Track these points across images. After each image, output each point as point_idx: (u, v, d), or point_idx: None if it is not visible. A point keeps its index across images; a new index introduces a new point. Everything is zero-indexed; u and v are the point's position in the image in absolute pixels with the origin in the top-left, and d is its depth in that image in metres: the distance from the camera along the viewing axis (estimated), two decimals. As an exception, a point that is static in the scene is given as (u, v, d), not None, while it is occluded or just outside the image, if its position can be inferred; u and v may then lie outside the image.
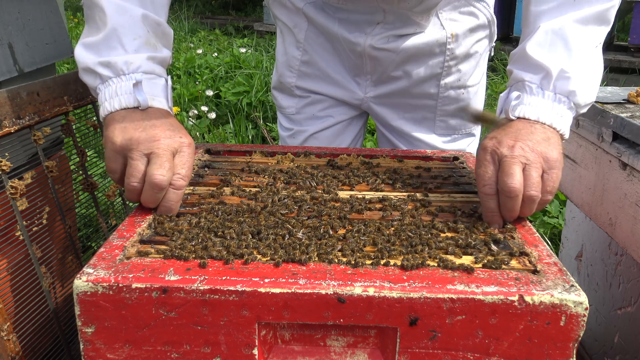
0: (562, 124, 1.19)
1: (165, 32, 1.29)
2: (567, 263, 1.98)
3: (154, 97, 1.21)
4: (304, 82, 1.75)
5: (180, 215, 1.16)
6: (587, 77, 1.22)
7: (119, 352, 0.94)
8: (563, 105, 1.20)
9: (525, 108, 1.20)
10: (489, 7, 1.64)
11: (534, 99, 1.20)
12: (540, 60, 1.21)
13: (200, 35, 8.59)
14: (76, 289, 0.91)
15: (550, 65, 1.20)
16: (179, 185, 1.13)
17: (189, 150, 1.16)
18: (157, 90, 1.23)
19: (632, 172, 1.38)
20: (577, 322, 0.90)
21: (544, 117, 1.18)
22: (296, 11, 1.66)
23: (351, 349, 0.97)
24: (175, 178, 1.12)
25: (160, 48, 1.26)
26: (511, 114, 1.21)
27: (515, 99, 1.21)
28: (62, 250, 1.50)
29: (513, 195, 1.08)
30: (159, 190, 1.11)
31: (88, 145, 1.64)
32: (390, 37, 1.57)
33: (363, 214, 1.17)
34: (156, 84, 1.23)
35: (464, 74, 1.67)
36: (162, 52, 1.26)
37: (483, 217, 1.15)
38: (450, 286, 0.90)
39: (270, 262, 0.97)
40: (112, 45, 1.20)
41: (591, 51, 1.23)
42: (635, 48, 6.70)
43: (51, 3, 1.72)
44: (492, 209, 1.13)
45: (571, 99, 1.20)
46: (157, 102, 1.21)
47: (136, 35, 1.22)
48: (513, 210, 1.11)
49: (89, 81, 1.25)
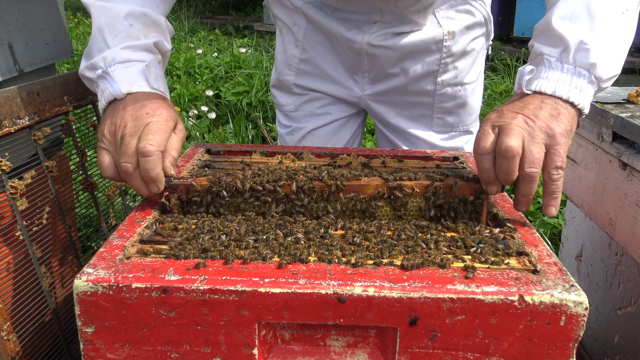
0: (580, 98, 1.15)
1: (155, 20, 1.30)
2: (567, 263, 1.98)
3: (133, 83, 1.22)
4: (303, 80, 1.75)
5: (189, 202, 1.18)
6: (611, 49, 1.16)
7: (119, 352, 0.94)
8: (583, 78, 1.15)
9: (542, 82, 1.16)
10: (486, 5, 1.65)
11: (552, 72, 1.17)
12: (561, 31, 1.16)
13: (200, 35, 8.59)
14: (76, 289, 0.91)
15: (569, 38, 1.15)
16: (146, 152, 1.11)
17: (157, 119, 1.16)
18: (132, 76, 1.22)
19: (632, 172, 1.38)
20: (577, 322, 0.90)
21: (560, 91, 1.14)
22: (295, 10, 1.67)
23: (351, 349, 0.97)
24: (141, 145, 1.12)
25: (147, 36, 1.27)
26: (525, 88, 1.17)
27: (528, 73, 1.18)
28: (62, 250, 1.50)
29: (510, 155, 1.06)
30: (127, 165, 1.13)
31: (88, 145, 1.64)
32: (387, 35, 1.58)
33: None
34: (131, 70, 1.23)
35: (461, 71, 1.67)
36: (146, 39, 1.27)
37: (480, 180, 1.14)
38: (450, 286, 0.90)
39: (271, 262, 0.97)
40: (99, 47, 1.24)
41: (617, 18, 1.17)
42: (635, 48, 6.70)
43: (51, 3, 1.72)
44: (486, 169, 1.10)
45: (592, 72, 1.15)
46: (137, 87, 1.22)
47: (117, 31, 1.24)
48: (509, 172, 1.08)
49: (89, 87, 1.28)
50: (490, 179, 1.11)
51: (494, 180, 1.11)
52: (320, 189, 1.17)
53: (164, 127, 1.16)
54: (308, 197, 1.17)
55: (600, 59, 1.15)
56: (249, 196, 1.17)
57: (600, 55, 1.15)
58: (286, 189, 1.16)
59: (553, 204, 1.12)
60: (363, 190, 1.17)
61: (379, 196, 1.17)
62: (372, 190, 1.17)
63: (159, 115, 1.17)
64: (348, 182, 1.17)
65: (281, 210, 1.18)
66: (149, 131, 1.13)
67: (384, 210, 1.18)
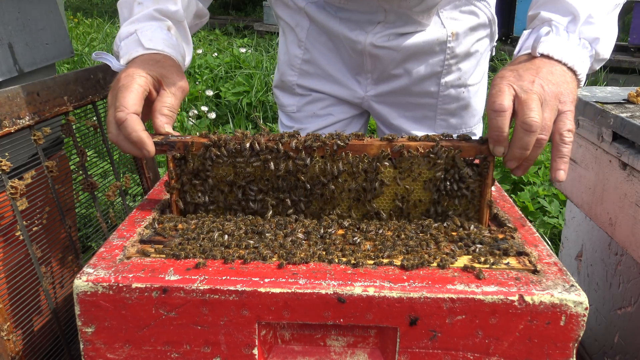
0: (582, 68, 1.16)
1: None
2: (567, 263, 1.98)
3: (129, 52, 1.23)
4: (305, 81, 1.75)
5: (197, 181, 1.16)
6: (609, 31, 1.21)
7: (119, 352, 0.94)
8: (586, 50, 1.18)
9: (552, 46, 1.16)
10: (490, 7, 1.65)
11: (560, 39, 1.17)
12: (571, 2, 1.18)
13: (200, 35, 8.59)
14: (76, 289, 0.91)
15: (579, 9, 1.17)
16: (117, 119, 1.11)
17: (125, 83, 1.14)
18: (130, 45, 1.25)
19: (632, 172, 1.38)
20: (577, 322, 0.90)
21: (567, 58, 1.15)
22: (298, 10, 1.66)
23: (351, 349, 0.97)
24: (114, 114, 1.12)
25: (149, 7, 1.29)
26: (537, 50, 1.16)
27: (545, 35, 1.17)
28: (62, 250, 1.50)
29: (533, 130, 1.05)
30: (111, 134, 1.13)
31: (88, 145, 1.64)
32: (391, 35, 1.58)
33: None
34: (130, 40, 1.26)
35: (465, 72, 1.67)
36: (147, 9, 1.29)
37: (489, 138, 1.10)
38: (450, 286, 0.90)
39: (271, 262, 0.97)
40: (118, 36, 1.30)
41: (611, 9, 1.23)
42: (635, 48, 6.70)
43: (51, 3, 1.72)
44: (500, 128, 1.07)
45: (594, 46, 1.19)
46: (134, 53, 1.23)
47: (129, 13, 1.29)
48: (526, 147, 1.07)
49: None
50: (501, 137, 1.08)
51: (504, 139, 1.08)
52: (322, 149, 1.13)
53: (134, 87, 1.13)
54: (310, 157, 1.13)
55: (602, 36, 1.19)
56: (249, 155, 1.14)
57: (603, 32, 1.19)
58: (287, 147, 1.13)
59: (563, 168, 1.11)
60: (366, 150, 1.14)
61: (382, 156, 1.13)
62: (375, 150, 1.14)
63: (128, 77, 1.15)
64: (350, 142, 1.13)
65: (283, 169, 1.13)
66: (117, 98, 1.13)
67: (387, 172, 1.14)
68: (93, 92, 1.57)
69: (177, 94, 1.20)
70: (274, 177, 1.15)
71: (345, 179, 1.14)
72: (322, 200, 1.15)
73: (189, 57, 1.40)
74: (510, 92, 1.08)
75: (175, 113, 1.20)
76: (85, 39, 7.32)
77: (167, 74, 1.20)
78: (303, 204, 1.16)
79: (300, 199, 1.16)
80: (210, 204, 1.18)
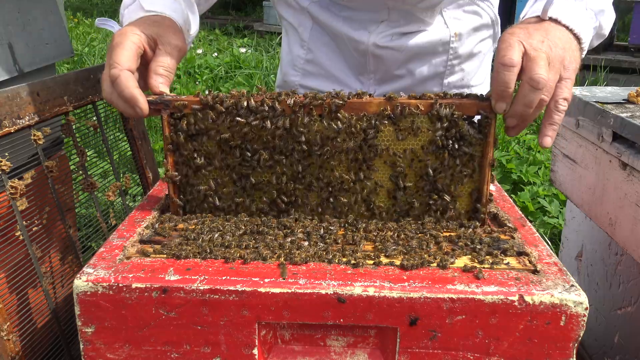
0: (587, 37, 1.16)
1: None
2: (567, 263, 1.98)
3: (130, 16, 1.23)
4: (308, 81, 1.75)
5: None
6: (611, 6, 1.24)
7: (119, 352, 0.94)
8: (591, 21, 1.19)
9: (562, 11, 1.15)
10: (493, 7, 1.65)
11: (568, 5, 1.17)
12: None
13: (200, 35, 8.59)
14: (76, 289, 0.91)
15: None
16: (111, 76, 1.09)
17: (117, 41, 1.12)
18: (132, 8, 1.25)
19: (632, 172, 1.38)
20: (577, 322, 0.90)
21: (574, 24, 1.15)
22: (301, 10, 1.66)
23: (351, 349, 0.97)
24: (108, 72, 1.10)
25: None
26: (548, 13, 1.15)
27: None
28: (62, 250, 1.50)
29: (540, 87, 1.04)
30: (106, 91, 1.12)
31: (88, 145, 1.64)
32: (394, 35, 1.57)
33: None
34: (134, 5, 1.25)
35: (467, 73, 1.67)
36: None
37: (493, 93, 1.08)
38: (450, 286, 0.90)
39: (271, 262, 0.97)
40: None
41: None
42: (635, 48, 6.70)
43: (51, 3, 1.72)
44: (506, 82, 1.05)
45: (598, 17, 1.20)
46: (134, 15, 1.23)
47: None
48: (530, 104, 1.06)
49: None
50: (506, 93, 1.06)
51: (509, 95, 1.07)
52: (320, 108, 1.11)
53: (127, 45, 1.11)
54: (309, 116, 1.11)
55: (607, 9, 1.21)
56: (246, 112, 1.10)
57: (607, 5, 1.21)
58: (284, 104, 1.10)
59: (551, 135, 1.11)
60: (366, 109, 1.12)
61: (382, 115, 1.11)
62: (375, 108, 1.11)
63: (122, 35, 1.13)
64: (350, 100, 1.11)
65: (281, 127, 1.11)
66: (111, 56, 1.11)
67: (387, 131, 1.11)
68: (93, 92, 1.57)
69: (174, 54, 1.17)
70: (271, 136, 1.12)
71: (344, 139, 1.12)
72: (320, 161, 1.12)
73: (194, 27, 1.37)
74: (519, 49, 1.06)
75: (172, 73, 1.17)
76: (85, 39, 7.32)
77: (163, 33, 1.17)
78: (301, 165, 1.13)
79: (299, 160, 1.13)
80: (208, 165, 1.15)
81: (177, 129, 1.14)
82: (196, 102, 1.12)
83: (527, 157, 3.66)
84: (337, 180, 1.14)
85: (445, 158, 1.12)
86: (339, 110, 1.11)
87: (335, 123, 1.11)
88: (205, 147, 1.14)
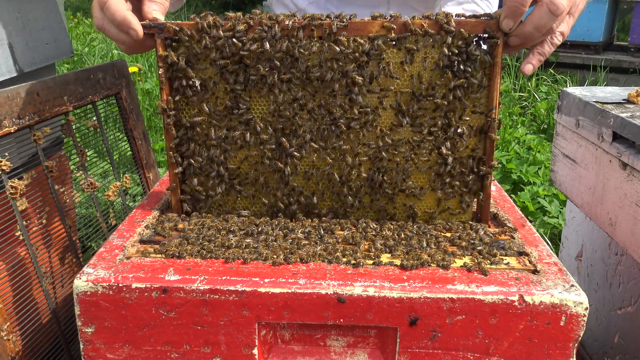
0: None
1: None
2: (567, 263, 1.98)
3: None
4: None
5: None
6: None
7: (119, 352, 0.94)
8: None
9: None
10: (492, 6, 1.66)
11: None
12: None
13: (200, 35, 8.58)
14: (76, 289, 0.91)
15: None
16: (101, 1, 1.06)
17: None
18: None
19: (632, 172, 1.37)
20: (577, 322, 0.90)
21: None
22: (298, 12, 1.67)
23: (351, 349, 0.97)
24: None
25: None
26: None
27: None
28: (62, 250, 1.50)
29: (558, 13, 1.02)
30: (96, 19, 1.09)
31: (88, 145, 1.64)
32: None
33: None
34: None
35: None
36: None
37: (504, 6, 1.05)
38: (450, 286, 0.90)
39: (271, 262, 0.97)
40: None
41: None
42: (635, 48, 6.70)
43: (51, 3, 1.72)
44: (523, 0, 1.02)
45: None
46: None
47: None
48: (542, 28, 1.04)
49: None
50: (519, 11, 1.04)
51: (520, 14, 1.05)
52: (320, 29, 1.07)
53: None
54: (308, 37, 1.06)
55: None
56: (242, 33, 1.07)
57: None
58: (282, 25, 1.06)
59: (534, 64, 1.11)
60: (368, 30, 1.08)
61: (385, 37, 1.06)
62: (377, 29, 1.07)
63: None
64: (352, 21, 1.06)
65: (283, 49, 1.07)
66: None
67: (391, 52, 1.07)
68: (93, 92, 1.56)
69: None
70: (270, 59, 1.08)
71: (345, 62, 1.08)
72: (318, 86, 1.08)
73: None
74: None
75: (167, 1, 1.13)
76: (85, 39, 7.32)
77: None
78: (300, 90, 1.09)
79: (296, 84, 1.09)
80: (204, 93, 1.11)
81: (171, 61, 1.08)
82: (192, 26, 1.08)
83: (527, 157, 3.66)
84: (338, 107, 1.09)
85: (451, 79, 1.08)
86: (340, 33, 1.06)
87: (338, 45, 1.06)
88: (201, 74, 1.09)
